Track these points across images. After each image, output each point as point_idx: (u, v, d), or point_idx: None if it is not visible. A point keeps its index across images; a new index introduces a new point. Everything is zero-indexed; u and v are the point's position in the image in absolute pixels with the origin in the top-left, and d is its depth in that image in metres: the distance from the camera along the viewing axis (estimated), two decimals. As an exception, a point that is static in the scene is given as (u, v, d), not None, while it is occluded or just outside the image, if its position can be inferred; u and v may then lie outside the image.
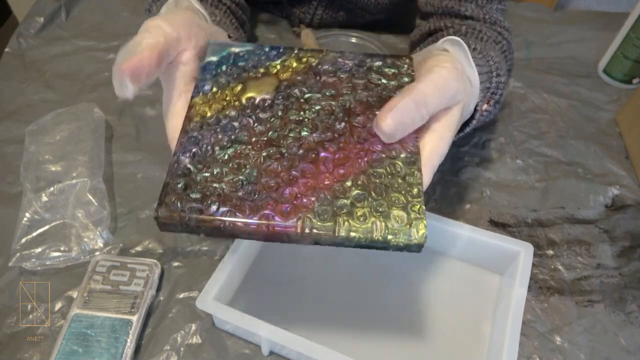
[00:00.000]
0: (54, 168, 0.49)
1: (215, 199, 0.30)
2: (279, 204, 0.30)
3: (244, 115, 0.34)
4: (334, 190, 0.31)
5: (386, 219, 0.30)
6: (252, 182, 0.31)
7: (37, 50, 0.65)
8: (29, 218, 0.46)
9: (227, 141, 0.32)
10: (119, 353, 0.39)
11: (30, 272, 0.45)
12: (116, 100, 0.60)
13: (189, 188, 0.30)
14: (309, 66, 0.37)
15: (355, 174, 0.31)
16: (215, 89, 0.35)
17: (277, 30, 0.70)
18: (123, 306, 0.41)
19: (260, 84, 0.36)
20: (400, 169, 0.32)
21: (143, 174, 0.53)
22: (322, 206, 0.30)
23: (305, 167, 0.31)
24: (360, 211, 0.30)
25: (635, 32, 0.61)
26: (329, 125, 0.34)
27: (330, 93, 0.35)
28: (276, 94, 0.35)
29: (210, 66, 0.36)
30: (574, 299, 0.46)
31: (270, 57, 0.37)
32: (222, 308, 0.38)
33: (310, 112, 0.34)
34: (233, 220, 0.29)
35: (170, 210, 0.29)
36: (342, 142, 0.33)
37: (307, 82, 0.36)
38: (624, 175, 0.56)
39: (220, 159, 0.31)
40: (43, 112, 0.54)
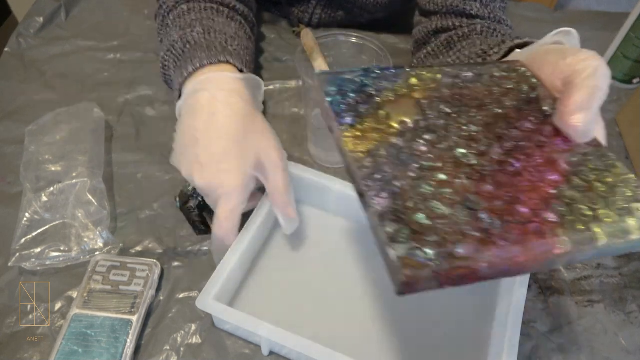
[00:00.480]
0: (54, 168, 0.49)
1: (456, 238, 0.25)
2: (525, 225, 0.26)
3: (410, 141, 0.31)
4: (560, 197, 0.28)
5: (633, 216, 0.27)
6: (477, 210, 0.27)
7: (37, 50, 0.65)
8: (29, 218, 0.46)
9: (414, 171, 0.29)
10: (119, 353, 0.39)
11: (30, 272, 0.45)
12: (116, 100, 0.60)
13: (417, 232, 0.25)
14: (433, 81, 0.35)
15: (565, 177, 0.29)
16: (359, 120, 0.32)
17: (277, 30, 0.70)
18: (123, 306, 0.41)
19: (401, 106, 0.33)
20: (599, 164, 0.30)
21: (143, 174, 0.53)
22: (565, 216, 0.27)
23: (514, 181, 0.29)
24: (602, 213, 0.27)
25: (635, 32, 0.61)
26: (501, 135, 0.32)
27: (475, 104, 0.34)
28: (424, 113, 0.33)
29: (334, 97, 0.33)
30: (574, 299, 0.46)
31: (389, 78, 0.35)
32: (222, 308, 0.38)
33: (473, 125, 0.32)
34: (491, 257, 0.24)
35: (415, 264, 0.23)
36: (527, 149, 0.31)
37: (443, 97, 0.34)
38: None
39: (425, 192, 0.27)
40: (43, 112, 0.54)
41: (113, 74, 0.63)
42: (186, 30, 0.48)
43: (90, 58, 0.65)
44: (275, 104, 0.61)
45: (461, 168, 0.29)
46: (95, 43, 0.66)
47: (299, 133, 0.58)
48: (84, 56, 0.65)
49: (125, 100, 0.60)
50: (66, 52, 0.65)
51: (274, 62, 0.66)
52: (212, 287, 0.39)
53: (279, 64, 0.65)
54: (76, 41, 0.66)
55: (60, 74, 0.63)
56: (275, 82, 0.63)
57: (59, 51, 0.65)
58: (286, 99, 0.61)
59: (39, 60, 0.64)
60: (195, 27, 0.48)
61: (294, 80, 0.63)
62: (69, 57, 0.65)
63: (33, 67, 0.63)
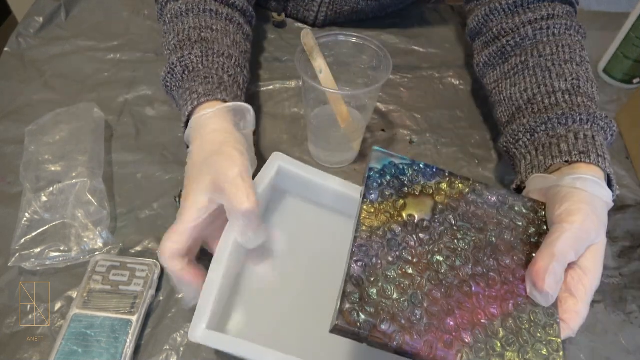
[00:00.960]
0: (54, 168, 0.49)
1: (386, 317, 0.32)
2: (441, 333, 0.32)
3: (406, 233, 0.36)
4: (486, 328, 0.33)
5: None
6: (417, 305, 0.33)
7: (36, 50, 0.65)
8: (29, 218, 0.46)
9: (393, 257, 0.35)
10: (119, 353, 0.39)
11: (30, 272, 0.45)
12: (116, 100, 0.60)
13: (363, 300, 0.32)
14: (459, 193, 0.40)
15: (504, 316, 0.34)
16: (381, 200, 0.37)
17: (278, 30, 0.70)
18: (123, 306, 0.41)
19: (419, 202, 0.38)
20: (540, 319, 0.34)
21: (143, 174, 0.53)
22: (478, 343, 0.32)
23: (461, 299, 0.34)
24: (509, 355, 0.32)
25: (635, 32, 0.61)
26: (479, 259, 0.36)
27: (479, 225, 0.38)
28: (433, 216, 0.38)
29: (374, 174, 0.39)
30: None
31: (426, 175, 0.40)
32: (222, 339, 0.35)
33: (464, 243, 0.37)
34: (401, 341, 0.31)
35: (348, 320, 0.31)
36: (490, 280, 0.36)
37: (458, 209, 0.39)
38: (624, 175, 0.56)
39: (388, 275, 0.34)
40: (43, 112, 0.54)
41: (113, 74, 0.63)
42: (184, 51, 0.48)
43: (90, 58, 0.65)
44: (275, 104, 0.61)
45: (429, 271, 0.35)
46: (95, 43, 0.66)
47: (299, 133, 0.58)
48: (84, 56, 0.65)
49: (125, 100, 0.60)
50: (66, 52, 0.65)
51: (274, 62, 0.66)
52: (203, 315, 0.35)
53: (279, 64, 0.65)
54: (76, 41, 0.66)
55: (60, 74, 0.63)
56: (275, 82, 0.63)
57: (59, 51, 0.65)
58: (286, 99, 0.61)
59: (38, 60, 0.64)
60: (194, 47, 0.48)
61: (294, 80, 0.63)
62: (69, 57, 0.65)
63: (33, 67, 0.63)
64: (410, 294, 0.33)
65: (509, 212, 0.39)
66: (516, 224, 0.39)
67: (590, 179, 0.39)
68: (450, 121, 0.61)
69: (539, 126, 0.46)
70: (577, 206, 0.37)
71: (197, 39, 0.49)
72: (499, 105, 0.53)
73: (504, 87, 0.52)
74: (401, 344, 0.31)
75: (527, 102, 0.49)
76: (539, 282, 0.34)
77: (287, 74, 0.64)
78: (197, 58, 0.47)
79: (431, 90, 0.64)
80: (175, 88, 0.49)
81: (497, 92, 0.53)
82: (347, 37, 0.51)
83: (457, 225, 0.38)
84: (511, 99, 0.51)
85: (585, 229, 0.36)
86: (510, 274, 0.36)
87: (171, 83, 0.49)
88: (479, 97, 0.63)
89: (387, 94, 0.63)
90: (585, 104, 0.46)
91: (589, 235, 0.36)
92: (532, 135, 0.47)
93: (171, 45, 0.50)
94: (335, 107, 0.49)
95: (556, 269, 0.35)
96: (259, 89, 0.62)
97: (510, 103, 0.51)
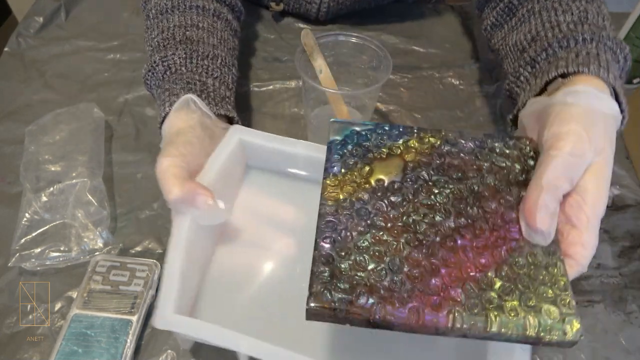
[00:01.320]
0: (54, 168, 0.49)
1: (363, 290, 0.29)
2: (427, 296, 0.29)
3: (376, 199, 0.34)
4: (478, 281, 0.30)
5: (538, 315, 0.29)
6: (396, 272, 0.30)
7: (36, 50, 0.65)
8: (29, 218, 0.46)
9: (364, 226, 0.32)
10: (119, 353, 0.39)
11: (30, 272, 0.45)
12: (116, 100, 0.60)
13: (335, 277, 0.30)
14: (431, 147, 0.37)
15: (497, 264, 0.31)
16: (344, 170, 0.35)
17: (277, 30, 0.70)
18: (123, 306, 0.41)
19: (387, 165, 0.36)
20: (541, 259, 0.31)
21: (143, 174, 0.53)
22: (470, 299, 0.29)
23: (445, 256, 0.31)
24: (509, 305, 0.29)
25: (636, 32, 0.61)
26: (461, 210, 0.34)
27: (457, 175, 0.35)
28: (404, 176, 0.35)
29: (335, 146, 0.37)
30: (574, 299, 0.45)
31: (392, 136, 0.37)
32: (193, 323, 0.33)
33: (441, 196, 0.34)
34: (383, 313, 0.29)
35: (320, 302, 0.29)
36: (477, 229, 0.33)
37: (432, 163, 0.36)
38: (624, 175, 0.56)
39: (360, 246, 0.32)
40: (43, 112, 0.54)
41: (113, 74, 0.63)
42: (167, 51, 0.47)
43: (90, 58, 0.65)
44: (275, 104, 0.61)
45: (406, 233, 0.32)
46: (95, 43, 0.66)
47: (299, 133, 0.58)
48: (84, 56, 0.65)
49: (125, 100, 0.60)
50: (66, 52, 0.65)
51: (274, 62, 0.66)
52: (168, 299, 0.33)
53: (279, 64, 0.65)
54: (76, 41, 0.66)
55: (60, 74, 0.63)
56: (275, 82, 0.63)
57: (59, 51, 0.65)
58: (286, 99, 0.61)
59: (38, 60, 0.64)
60: (177, 47, 0.47)
61: (294, 80, 0.63)
62: (69, 57, 0.65)
63: (33, 67, 0.63)
64: (388, 261, 0.31)
65: (489, 155, 0.36)
66: (499, 165, 0.36)
67: (584, 90, 0.35)
68: (450, 121, 0.61)
69: (539, 54, 0.43)
70: (566, 128, 0.33)
71: (181, 38, 0.48)
72: (506, 58, 0.49)
73: (509, 38, 0.49)
74: (384, 316, 0.29)
75: (531, 40, 0.46)
76: (530, 219, 0.31)
77: (287, 74, 0.64)
78: (181, 59, 0.47)
79: (431, 90, 0.64)
80: (154, 87, 0.48)
81: (503, 46, 0.50)
82: (347, 37, 0.51)
83: (432, 180, 0.35)
84: (516, 45, 0.48)
85: (577, 153, 0.32)
86: (499, 219, 0.33)
87: (151, 81, 0.48)
88: (479, 97, 0.63)
89: (387, 94, 0.63)
90: (591, 29, 0.42)
91: (582, 159, 0.33)
92: (532, 67, 0.44)
93: (154, 43, 0.49)
94: (335, 107, 0.49)
95: (547, 203, 0.31)
96: (259, 89, 0.62)
97: (515, 49, 0.48)
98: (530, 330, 0.28)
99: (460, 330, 0.29)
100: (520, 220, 0.33)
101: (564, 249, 0.32)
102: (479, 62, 0.67)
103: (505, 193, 0.34)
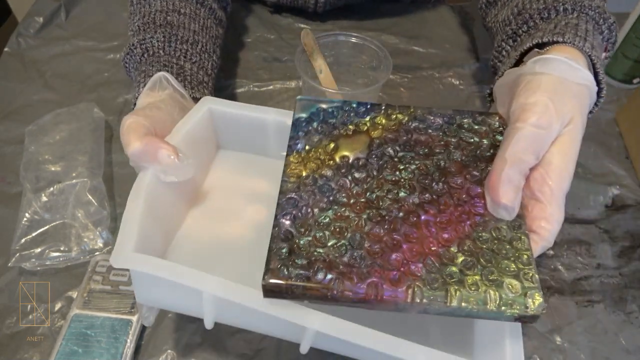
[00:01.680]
0: (54, 168, 0.49)
1: (321, 265, 0.29)
2: (387, 271, 0.29)
3: (339, 175, 0.34)
4: (440, 256, 0.30)
5: (499, 289, 0.29)
6: (356, 247, 0.30)
7: (36, 50, 0.65)
8: (29, 218, 0.46)
9: (326, 202, 0.32)
10: (119, 353, 0.39)
11: (30, 272, 0.45)
12: (116, 100, 0.60)
13: (294, 253, 0.30)
14: (398, 123, 0.37)
15: (461, 239, 0.31)
16: (308, 147, 0.35)
17: (277, 30, 0.70)
18: (123, 306, 0.41)
19: (353, 142, 0.36)
20: (505, 234, 0.31)
21: (143, 174, 0.53)
22: (431, 274, 0.29)
23: (408, 231, 0.31)
24: (470, 279, 0.29)
25: (636, 32, 0.61)
26: (426, 186, 0.33)
27: (423, 152, 0.35)
28: (369, 152, 0.35)
29: (300, 123, 0.37)
30: (574, 299, 0.46)
31: (358, 113, 0.37)
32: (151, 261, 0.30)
33: (406, 172, 0.34)
34: (341, 288, 0.28)
35: (277, 277, 0.29)
36: (442, 205, 0.32)
37: (398, 140, 0.36)
38: (624, 175, 0.56)
39: (321, 222, 0.31)
40: (43, 112, 0.54)
41: (113, 74, 0.63)
42: (146, 34, 0.47)
43: (90, 58, 0.65)
44: (275, 104, 0.61)
45: (368, 209, 0.32)
46: (95, 43, 0.66)
47: (299, 133, 0.58)
48: (84, 56, 0.65)
49: (125, 100, 0.60)
50: (66, 52, 0.65)
51: (274, 62, 0.66)
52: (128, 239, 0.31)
53: (279, 64, 0.65)
54: (76, 41, 0.66)
55: (60, 74, 0.63)
56: (275, 82, 0.63)
57: (59, 51, 0.65)
58: (286, 99, 0.61)
59: (38, 60, 0.64)
60: (157, 30, 0.47)
61: (294, 80, 0.63)
62: (69, 57, 0.65)
63: (33, 67, 0.63)
64: (348, 237, 0.30)
65: (457, 131, 0.36)
66: (467, 141, 0.36)
67: (554, 58, 0.34)
68: (450, 121, 0.61)
69: (521, 27, 0.42)
70: (532, 99, 0.33)
71: (161, 22, 0.48)
72: (496, 35, 0.49)
73: (500, 14, 0.49)
74: (342, 291, 0.28)
75: (517, 14, 0.45)
76: (494, 193, 0.31)
77: (287, 74, 0.64)
78: (159, 43, 0.47)
79: (431, 90, 0.64)
80: (132, 69, 0.48)
81: (494, 23, 0.50)
82: (347, 37, 0.51)
83: (397, 157, 0.35)
84: (504, 20, 0.47)
85: (542, 125, 0.32)
86: (464, 194, 0.33)
87: (129, 64, 0.48)
88: (479, 97, 0.63)
89: (387, 94, 0.63)
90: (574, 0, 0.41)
91: (548, 131, 0.32)
92: (514, 41, 0.43)
93: (135, 27, 0.49)
94: (335, 107, 0.49)
95: (510, 176, 0.31)
96: (259, 89, 0.62)
97: (503, 24, 0.47)
98: (491, 305, 0.28)
99: (420, 305, 0.28)
100: (485, 194, 0.32)
101: (529, 223, 0.32)
102: (479, 62, 0.67)
103: (472, 168, 0.34)
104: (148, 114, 0.37)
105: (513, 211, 0.31)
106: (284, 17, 0.72)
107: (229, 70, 0.63)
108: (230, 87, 0.62)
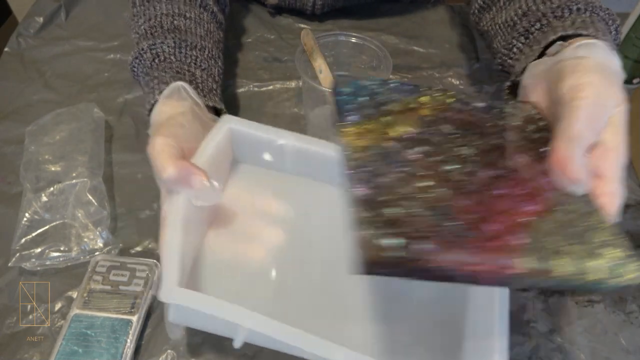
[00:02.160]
0: (54, 168, 0.49)
1: (425, 234, 0.27)
2: (489, 240, 0.27)
3: (403, 149, 0.32)
4: (530, 227, 0.29)
5: (598, 259, 0.28)
6: (449, 219, 0.28)
7: (36, 50, 0.65)
8: (29, 218, 0.46)
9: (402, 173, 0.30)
10: (119, 353, 0.39)
11: (30, 272, 0.45)
12: (116, 100, 0.60)
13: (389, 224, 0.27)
14: (443, 103, 0.36)
15: (546, 212, 0.30)
16: (362, 120, 0.34)
17: (277, 30, 0.70)
18: (123, 306, 0.41)
19: (405, 117, 0.35)
20: (581, 207, 0.30)
21: (143, 174, 0.53)
22: (529, 245, 0.28)
23: (492, 203, 0.30)
24: (569, 249, 0.28)
25: (636, 32, 0.61)
26: (491, 162, 0.32)
27: (476, 131, 0.35)
28: (423, 129, 0.34)
29: (347, 96, 0.35)
30: (574, 299, 0.46)
31: (402, 92, 0.37)
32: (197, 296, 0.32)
33: (467, 148, 0.33)
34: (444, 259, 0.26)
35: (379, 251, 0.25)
36: (515, 180, 0.31)
37: (447, 118, 0.35)
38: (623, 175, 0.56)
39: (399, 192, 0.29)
40: (43, 112, 0.54)
41: (113, 74, 0.63)
42: (156, 39, 0.47)
43: (90, 58, 0.65)
44: (275, 104, 0.61)
45: (445, 181, 0.30)
46: (95, 43, 0.66)
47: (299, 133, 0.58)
48: (84, 56, 0.65)
49: (125, 100, 0.60)
50: (66, 52, 0.65)
51: (274, 62, 0.66)
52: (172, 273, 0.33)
53: (279, 64, 0.65)
54: (76, 41, 0.66)
55: (60, 74, 0.63)
56: (275, 82, 0.63)
57: (59, 51, 0.65)
58: (286, 99, 0.61)
59: (38, 60, 0.64)
60: (167, 36, 0.47)
61: (294, 80, 0.63)
62: (69, 57, 0.65)
63: (33, 67, 0.63)
64: (437, 206, 0.28)
65: (500, 115, 0.36)
66: (513, 124, 0.35)
67: (596, 43, 0.35)
68: (450, 121, 0.61)
69: (533, 25, 0.43)
70: (586, 79, 0.33)
71: (169, 27, 0.48)
72: (495, 37, 0.49)
73: (499, 17, 0.49)
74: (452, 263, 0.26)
75: (522, 15, 0.46)
76: (565, 171, 0.31)
77: (287, 74, 0.64)
78: (170, 49, 0.47)
79: (431, 90, 0.64)
80: (142, 74, 0.48)
81: (492, 25, 0.50)
82: (347, 37, 0.51)
83: (453, 134, 0.34)
84: (506, 22, 0.47)
85: (600, 102, 0.32)
86: (531, 170, 0.32)
87: (138, 69, 0.48)
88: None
89: (387, 94, 0.63)
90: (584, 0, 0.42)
91: (605, 109, 0.32)
92: (526, 38, 0.44)
93: (141, 30, 0.49)
94: (335, 107, 0.49)
95: (578, 154, 0.31)
96: (259, 89, 0.62)
97: (506, 25, 0.47)
98: (592, 276, 0.27)
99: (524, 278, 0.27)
100: (552, 173, 0.32)
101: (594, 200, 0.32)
102: (479, 62, 0.67)
103: (527, 149, 0.34)
104: (175, 133, 0.38)
105: (585, 185, 0.31)
106: (284, 17, 0.72)
107: (229, 70, 0.63)
108: (230, 87, 0.62)
